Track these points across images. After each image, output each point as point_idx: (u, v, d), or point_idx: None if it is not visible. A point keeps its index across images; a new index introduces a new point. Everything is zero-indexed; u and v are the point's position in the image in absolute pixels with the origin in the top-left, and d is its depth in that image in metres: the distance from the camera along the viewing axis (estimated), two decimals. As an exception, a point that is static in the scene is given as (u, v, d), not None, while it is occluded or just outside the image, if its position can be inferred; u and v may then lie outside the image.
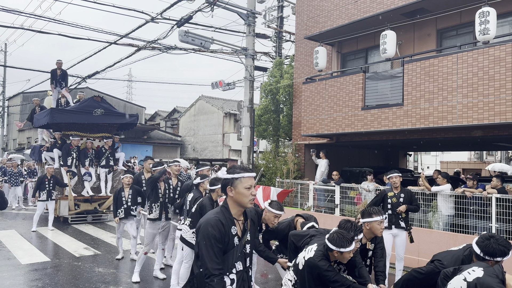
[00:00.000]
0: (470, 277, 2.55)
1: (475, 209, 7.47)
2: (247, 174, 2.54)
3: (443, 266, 3.34)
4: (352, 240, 3.34)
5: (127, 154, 17.88)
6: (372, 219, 3.94)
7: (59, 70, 12.92)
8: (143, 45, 14.72)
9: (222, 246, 2.44)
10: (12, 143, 38.89)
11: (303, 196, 11.18)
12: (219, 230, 2.43)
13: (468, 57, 8.30)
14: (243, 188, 2.51)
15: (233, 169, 2.58)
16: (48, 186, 10.37)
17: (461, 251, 3.46)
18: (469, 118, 8.23)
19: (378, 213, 3.97)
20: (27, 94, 32.28)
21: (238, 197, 2.52)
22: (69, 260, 7.56)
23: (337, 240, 3.29)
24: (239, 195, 2.51)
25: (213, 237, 2.40)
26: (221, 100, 32.29)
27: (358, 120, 10.31)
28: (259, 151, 19.32)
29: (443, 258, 3.46)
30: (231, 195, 2.53)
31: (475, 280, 2.50)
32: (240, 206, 2.57)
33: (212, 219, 2.47)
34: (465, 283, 2.54)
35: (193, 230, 5.35)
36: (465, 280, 2.55)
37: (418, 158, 37.82)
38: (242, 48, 12.65)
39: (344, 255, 3.31)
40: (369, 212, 4.00)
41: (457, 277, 2.64)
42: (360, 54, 12.28)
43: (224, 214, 2.53)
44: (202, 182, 5.88)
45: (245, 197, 2.51)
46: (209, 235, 2.41)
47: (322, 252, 3.37)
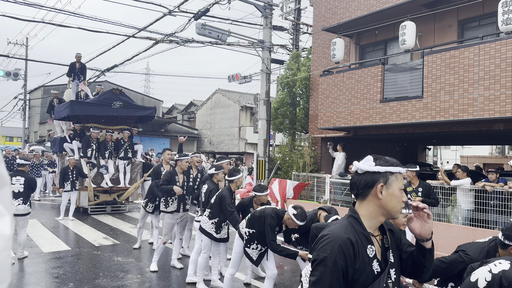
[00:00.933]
0: (496, 269, 2.52)
1: (495, 203, 7.33)
2: (403, 170, 1.82)
3: (468, 256, 3.30)
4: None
5: (145, 147, 18.07)
6: None
7: (78, 64, 13.12)
8: (161, 38, 14.81)
9: (350, 277, 1.63)
10: (34, 136, 39.78)
11: (319, 190, 11.14)
12: (347, 255, 1.62)
13: (490, 48, 8.09)
14: (398, 188, 1.77)
15: (382, 160, 1.83)
16: (71, 177, 10.72)
17: (487, 242, 3.42)
18: (490, 111, 8.04)
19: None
20: (47, 87, 32.90)
21: (390, 202, 1.75)
22: (89, 249, 7.73)
23: None
24: (392, 198, 1.75)
25: (336, 265, 1.60)
26: (237, 93, 32.32)
27: (376, 113, 10.19)
28: (275, 145, 19.29)
29: (468, 248, 3.42)
30: (379, 197, 1.73)
31: (500, 272, 2.47)
32: (385, 216, 1.79)
33: (340, 238, 1.65)
34: (490, 274, 2.51)
35: (212, 221, 5.41)
36: (490, 272, 2.53)
37: (437, 153, 37.20)
38: (259, 41, 12.61)
39: None
40: None
41: (483, 267, 2.62)
42: (379, 46, 12.10)
43: (355, 228, 1.72)
44: (216, 173, 5.90)
45: (398, 203, 1.77)
46: (330, 262, 1.61)
47: None
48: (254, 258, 4.63)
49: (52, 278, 5.93)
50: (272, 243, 4.40)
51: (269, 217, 4.44)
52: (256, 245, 4.58)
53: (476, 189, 7.58)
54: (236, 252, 4.89)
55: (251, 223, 4.63)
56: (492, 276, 2.47)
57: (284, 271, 6.78)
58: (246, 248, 4.67)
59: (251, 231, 4.61)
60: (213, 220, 5.42)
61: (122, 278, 6.04)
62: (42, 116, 35.58)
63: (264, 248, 4.59)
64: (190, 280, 5.76)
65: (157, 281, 5.99)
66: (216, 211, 5.40)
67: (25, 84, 31.62)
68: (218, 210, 5.39)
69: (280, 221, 4.46)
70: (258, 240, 4.56)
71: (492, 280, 2.46)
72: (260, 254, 4.63)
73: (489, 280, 2.48)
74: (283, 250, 4.40)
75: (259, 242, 4.56)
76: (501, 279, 2.42)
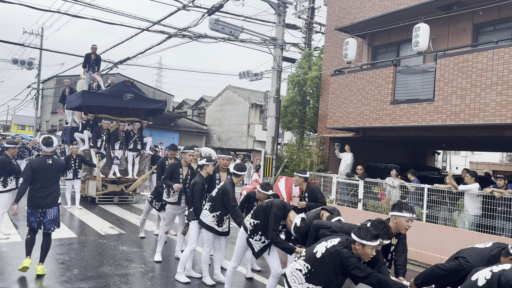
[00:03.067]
0: (496, 268, 2.55)
1: (503, 210, 7.26)
2: None
3: (468, 263, 3.28)
4: (377, 237, 3.30)
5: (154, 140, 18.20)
6: (400, 214, 3.84)
7: (93, 55, 13.27)
8: (174, 33, 14.87)
9: None
10: (45, 125, 40.24)
11: (326, 189, 11.12)
12: None
13: (504, 53, 8.00)
14: None
15: None
16: (74, 165, 10.83)
17: (488, 250, 3.39)
18: (502, 117, 7.96)
19: (409, 210, 3.86)
20: (60, 77, 33.25)
21: None
22: (95, 237, 7.83)
23: (361, 232, 3.27)
24: None
25: None
26: (247, 90, 32.34)
27: (386, 114, 10.14)
28: (283, 143, 19.27)
29: (469, 255, 3.39)
30: None
31: (500, 271, 2.49)
32: None
33: None
34: (490, 273, 2.54)
35: (214, 214, 5.45)
36: (491, 271, 2.55)
37: (447, 158, 36.88)
38: (272, 38, 12.61)
39: (366, 249, 3.26)
40: (400, 207, 3.91)
41: (486, 268, 2.65)
42: (391, 47, 12.03)
43: None
44: (207, 165, 5.84)
45: None
46: None
47: (346, 244, 3.36)
48: (256, 249, 4.64)
49: (57, 264, 6.02)
50: (272, 232, 4.41)
51: (275, 207, 4.45)
52: (260, 236, 4.59)
53: (484, 194, 7.52)
54: (239, 246, 4.92)
55: (257, 214, 4.65)
56: (492, 275, 2.49)
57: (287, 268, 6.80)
58: (249, 239, 4.68)
59: (256, 222, 4.62)
60: (215, 214, 5.45)
61: (126, 267, 6.11)
62: (54, 106, 35.96)
63: (268, 241, 4.60)
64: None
65: (160, 271, 6.06)
66: (218, 204, 5.44)
67: (38, 74, 31.97)
68: (220, 203, 5.43)
69: (286, 213, 4.46)
70: (262, 231, 4.57)
71: (492, 278, 2.48)
72: (263, 247, 4.64)
73: (488, 279, 2.50)
74: (281, 242, 4.42)
75: (263, 233, 4.57)
76: (500, 277, 2.44)
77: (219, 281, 5.68)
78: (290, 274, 3.62)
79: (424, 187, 8.31)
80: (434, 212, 8.19)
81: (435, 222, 8.07)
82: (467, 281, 2.71)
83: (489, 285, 2.49)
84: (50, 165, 5.48)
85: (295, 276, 3.55)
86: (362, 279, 3.27)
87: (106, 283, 5.33)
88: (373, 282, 3.23)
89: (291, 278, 3.59)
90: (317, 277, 3.39)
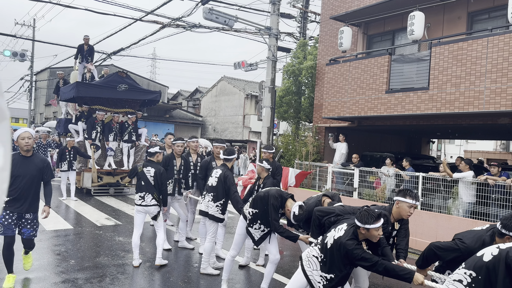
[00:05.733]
0: (503, 246, 2.57)
1: (497, 197, 7.33)
2: None
3: (464, 244, 3.32)
4: (379, 217, 3.31)
5: (149, 132, 18.15)
6: (403, 199, 3.87)
7: (86, 46, 13.15)
8: (168, 23, 14.75)
9: None
10: (39, 117, 39.97)
11: (321, 179, 11.16)
12: None
13: (499, 41, 8.01)
14: None
15: None
16: (68, 157, 10.79)
17: (484, 231, 3.44)
18: (496, 104, 7.99)
19: (413, 196, 3.88)
20: (54, 69, 32.95)
21: None
22: (91, 228, 7.82)
23: (363, 217, 3.28)
24: None
25: None
26: (243, 81, 32.22)
27: (381, 103, 10.15)
28: (279, 134, 19.27)
29: (465, 236, 3.45)
30: None
31: (508, 248, 2.51)
32: None
33: None
34: (497, 250, 2.56)
35: (217, 203, 5.47)
36: (498, 248, 2.57)
37: (441, 147, 37.06)
38: (266, 28, 12.54)
39: (371, 232, 3.29)
40: (404, 193, 3.93)
41: (492, 246, 2.67)
42: (386, 36, 12.00)
43: None
44: (159, 152, 5.97)
45: None
46: None
47: (352, 231, 3.38)
48: (256, 238, 4.66)
49: (54, 255, 6.02)
50: (274, 223, 4.43)
51: (272, 198, 4.47)
52: (259, 225, 4.61)
53: (478, 182, 7.58)
54: (238, 234, 4.93)
55: (255, 203, 4.66)
56: (499, 251, 2.51)
57: (284, 256, 6.85)
58: (249, 228, 4.70)
59: (255, 211, 4.63)
60: (218, 203, 5.48)
61: (123, 257, 6.12)
62: (48, 98, 35.69)
63: (267, 229, 4.62)
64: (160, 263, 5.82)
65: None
66: (221, 193, 5.46)
67: (31, 66, 31.64)
68: (222, 191, 5.45)
69: (283, 203, 4.47)
70: (262, 220, 4.59)
71: (499, 254, 2.50)
72: (263, 236, 4.66)
73: (495, 254, 2.52)
74: (284, 232, 4.43)
75: (262, 222, 4.59)
76: (508, 253, 2.46)
77: (217, 268, 5.72)
78: (307, 258, 3.65)
79: (419, 176, 8.36)
80: (429, 200, 8.25)
81: (430, 210, 8.14)
82: (472, 256, 2.73)
83: (496, 261, 2.50)
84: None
85: (311, 262, 3.60)
86: (369, 268, 3.30)
87: (103, 273, 5.34)
88: (379, 270, 3.25)
89: (307, 263, 3.63)
90: (328, 266, 3.46)
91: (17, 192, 4.59)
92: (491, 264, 2.51)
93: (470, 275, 2.61)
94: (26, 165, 4.63)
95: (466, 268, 2.67)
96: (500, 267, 2.46)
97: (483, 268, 2.55)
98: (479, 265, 2.58)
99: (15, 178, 4.55)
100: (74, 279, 5.05)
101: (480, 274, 2.56)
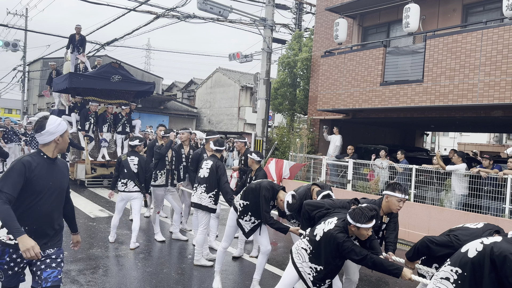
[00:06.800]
0: (487, 241, 2.56)
1: (489, 189, 7.38)
2: None
3: (459, 242, 3.33)
4: (372, 218, 3.32)
5: (144, 123, 18.07)
6: (392, 194, 3.87)
7: (77, 35, 12.99)
8: (162, 13, 14.61)
9: None
10: (32, 108, 39.63)
11: (315, 171, 11.19)
12: None
13: (493, 33, 8.01)
14: None
15: None
16: None
17: (480, 231, 3.43)
18: (489, 97, 8.02)
19: (402, 190, 3.88)
20: (47, 59, 32.58)
21: None
22: (85, 220, 7.81)
23: (356, 215, 3.29)
24: None
25: None
26: (238, 73, 32.08)
27: (376, 96, 10.15)
28: (274, 126, 19.26)
29: (460, 234, 3.45)
30: None
31: (492, 243, 2.50)
32: None
33: None
34: (481, 245, 2.55)
35: (210, 194, 5.48)
36: (482, 243, 2.56)
37: (435, 140, 37.24)
38: (261, 18, 12.46)
39: (361, 231, 3.30)
40: (393, 187, 3.94)
41: (476, 241, 2.66)
42: (382, 28, 11.97)
43: None
44: (139, 145, 6.34)
45: None
46: None
47: (342, 225, 3.40)
48: (246, 230, 4.67)
49: (47, 246, 6.00)
50: (265, 214, 4.45)
51: (264, 189, 4.47)
52: (249, 217, 4.62)
53: (471, 174, 7.63)
54: (229, 226, 4.94)
55: (246, 195, 4.66)
56: (484, 247, 2.51)
57: (277, 248, 6.88)
58: (239, 220, 4.71)
59: (245, 203, 4.64)
60: (211, 194, 5.49)
61: (116, 249, 6.12)
62: (41, 89, 35.34)
63: (258, 221, 4.63)
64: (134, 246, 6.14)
65: (151, 253, 6.08)
66: (214, 183, 5.47)
67: (24, 56, 31.32)
68: (215, 182, 5.46)
69: (275, 195, 4.48)
70: (252, 212, 4.59)
71: (483, 250, 2.50)
72: (253, 227, 4.67)
73: (480, 250, 2.51)
74: (275, 223, 4.45)
75: (253, 214, 4.60)
76: (493, 249, 2.45)
77: (210, 259, 5.74)
78: (296, 251, 3.68)
79: (412, 168, 8.40)
80: (422, 192, 8.30)
81: (422, 202, 8.19)
82: (457, 252, 2.73)
83: (481, 257, 2.50)
84: None
85: (300, 255, 3.62)
86: (358, 261, 3.32)
87: (96, 265, 5.34)
88: (368, 263, 3.27)
89: (297, 255, 3.65)
90: (317, 258, 3.48)
91: (39, 219, 2.80)
92: (476, 260, 2.51)
93: (456, 272, 2.62)
94: (53, 173, 2.90)
95: (452, 265, 2.67)
96: (485, 263, 2.47)
97: (468, 264, 2.55)
98: (464, 261, 2.59)
99: (37, 195, 2.78)
100: (67, 271, 5.05)
101: (466, 270, 2.56)
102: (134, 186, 6.22)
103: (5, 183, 2.63)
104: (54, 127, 2.89)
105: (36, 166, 2.77)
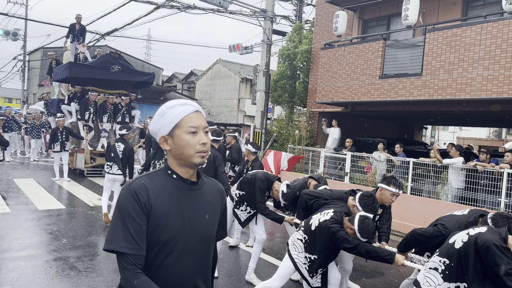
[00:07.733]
0: (473, 231, 2.65)
1: (485, 183, 7.44)
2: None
3: (447, 230, 3.41)
4: (373, 234, 3.39)
5: (143, 114, 18.07)
6: (386, 187, 3.92)
7: (78, 25, 12.97)
8: (162, 3, 14.56)
9: None
10: (32, 97, 39.59)
11: (314, 163, 11.24)
12: None
13: (493, 28, 8.01)
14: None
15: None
16: (60, 138, 10.74)
17: (465, 217, 3.52)
18: (488, 92, 8.05)
19: (396, 185, 3.92)
20: (47, 49, 32.48)
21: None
22: (83, 208, 7.87)
23: (360, 225, 3.29)
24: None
25: None
26: (238, 65, 31.99)
27: (375, 89, 10.17)
28: (273, 118, 19.26)
29: (447, 222, 3.52)
30: None
31: (476, 234, 2.59)
32: None
33: None
34: (467, 236, 2.64)
35: None
36: (467, 234, 2.65)
37: (435, 134, 37.27)
38: (261, 10, 12.43)
39: (355, 235, 3.36)
40: (388, 180, 3.98)
41: (462, 231, 2.74)
42: (382, 21, 11.95)
43: None
44: (126, 134, 6.78)
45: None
46: None
47: (337, 218, 3.46)
48: (242, 219, 4.74)
49: (46, 234, 6.07)
50: (260, 205, 4.51)
51: (259, 180, 4.52)
52: (245, 207, 4.68)
53: (468, 168, 7.68)
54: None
55: (242, 185, 4.72)
56: (469, 238, 2.60)
57: (274, 238, 6.95)
58: (235, 209, 4.77)
59: (241, 193, 4.70)
60: None
61: (114, 237, 6.18)
62: (41, 78, 35.26)
63: (253, 211, 4.69)
64: None
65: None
66: (211, 174, 5.50)
67: (24, 45, 31.22)
68: (212, 172, 5.50)
69: (270, 185, 4.54)
70: (248, 202, 4.65)
71: (468, 240, 2.59)
72: (249, 217, 4.73)
73: (465, 241, 2.60)
74: (270, 214, 4.51)
75: (248, 204, 4.66)
76: (476, 239, 2.54)
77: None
78: (292, 243, 3.74)
79: (410, 161, 8.45)
80: (419, 185, 8.36)
81: (419, 195, 8.25)
82: (445, 243, 2.81)
83: (466, 248, 2.59)
84: None
85: (295, 246, 3.68)
86: (351, 250, 3.38)
87: (94, 252, 5.41)
88: (361, 252, 3.33)
89: (293, 247, 3.71)
90: (312, 247, 3.55)
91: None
92: (462, 251, 2.60)
93: (444, 263, 2.70)
94: (193, 209, 1.65)
95: (440, 256, 2.75)
96: (470, 253, 2.55)
97: (455, 254, 2.64)
98: (451, 252, 2.67)
99: (168, 246, 1.54)
100: (65, 257, 5.12)
101: (452, 261, 2.65)
102: (117, 170, 6.89)
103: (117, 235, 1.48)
104: None
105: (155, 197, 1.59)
